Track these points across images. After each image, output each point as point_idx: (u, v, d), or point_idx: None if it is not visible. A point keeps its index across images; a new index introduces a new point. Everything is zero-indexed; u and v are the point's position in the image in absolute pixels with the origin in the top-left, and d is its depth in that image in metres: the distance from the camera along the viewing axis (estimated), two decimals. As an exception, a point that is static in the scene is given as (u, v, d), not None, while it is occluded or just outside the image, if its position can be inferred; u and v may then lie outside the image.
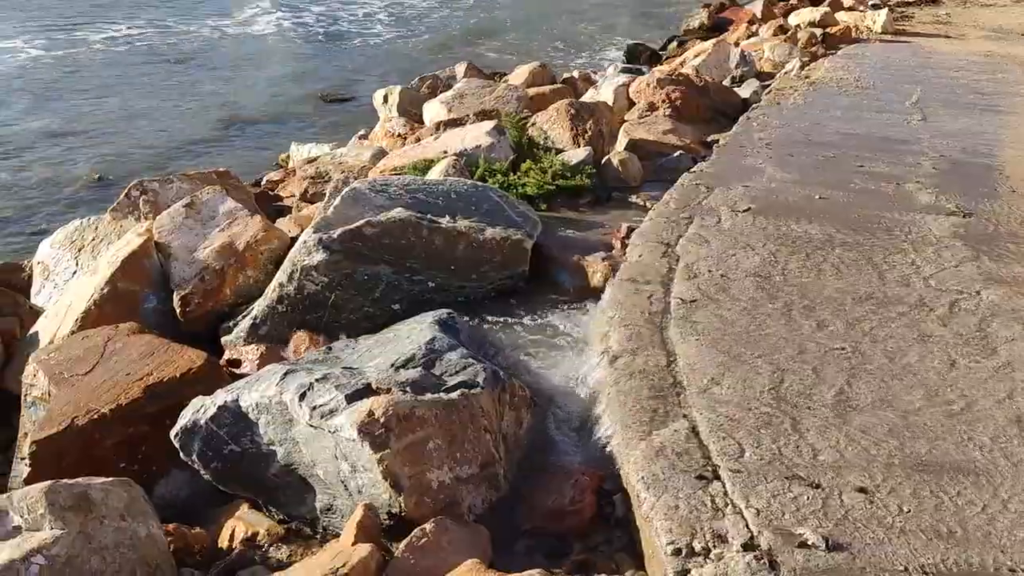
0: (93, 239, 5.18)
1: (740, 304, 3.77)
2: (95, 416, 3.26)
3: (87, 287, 4.30)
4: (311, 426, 2.79)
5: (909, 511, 2.51)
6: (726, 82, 8.76)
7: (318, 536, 2.89)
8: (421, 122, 7.85)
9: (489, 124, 5.83)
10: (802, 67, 9.23)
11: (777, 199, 5.07)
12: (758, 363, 3.30)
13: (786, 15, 14.30)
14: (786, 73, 9.07)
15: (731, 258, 4.23)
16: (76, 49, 15.67)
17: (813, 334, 3.54)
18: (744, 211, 4.82)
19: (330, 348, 3.54)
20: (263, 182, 8.00)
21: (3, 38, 16.99)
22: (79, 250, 5.19)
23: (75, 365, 3.62)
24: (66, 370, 3.59)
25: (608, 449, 2.94)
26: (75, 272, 5.05)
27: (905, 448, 2.80)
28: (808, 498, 2.54)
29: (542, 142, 5.93)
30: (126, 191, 5.44)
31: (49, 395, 3.49)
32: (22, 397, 3.70)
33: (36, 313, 4.75)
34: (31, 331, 4.42)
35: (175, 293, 4.36)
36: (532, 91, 7.87)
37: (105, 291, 4.20)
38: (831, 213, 4.88)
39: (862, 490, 2.60)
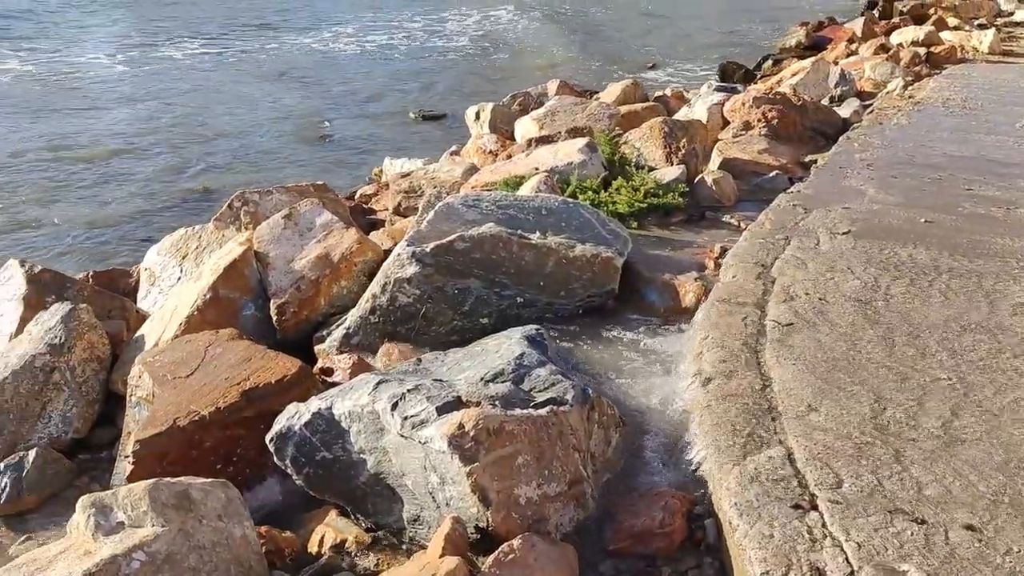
0: (197, 247, 5.37)
1: (839, 329, 3.65)
2: (195, 418, 3.36)
3: (191, 293, 4.46)
4: (402, 436, 2.81)
5: (1020, 552, 2.38)
6: (824, 101, 8.55)
7: (404, 546, 2.91)
8: (512, 139, 7.90)
9: (581, 141, 5.83)
10: (905, 87, 8.95)
11: (879, 222, 4.91)
12: (858, 390, 3.18)
13: (888, 34, 13.92)
14: (888, 93, 8.81)
15: (830, 281, 4.10)
16: (164, 64, 16.34)
17: (917, 362, 3.40)
18: (844, 233, 4.68)
19: (420, 360, 3.57)
20: (357, 195, 8.17)
21: (98, 52, 17.87)
22: (183, 257, 5.39)
23: (178, 368, 3.74)
24: (169, 372, 3.72)
25: (699, 472, 2.88)
26: (179, 278, 5.25)
27: (1015, 485, 2.66)
28: (912, 533, 2.43)
29: (634, 160, 5.89)
30: (229, 202, 5.64)
31: (153, 396, 3.62)
32: (127, 397, 3.85)
33: (142, 317, 4.94)
34: (137, 334, 4.60)
35: (272, 301, 4.48)
36: (624, 109, 7.84)
37: (207, 297, 4.35)
38: (938, 237, 4.69)
39: (969, 527, 2.47)
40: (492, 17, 22.80)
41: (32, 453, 3.75)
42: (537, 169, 5.54)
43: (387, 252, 4.74)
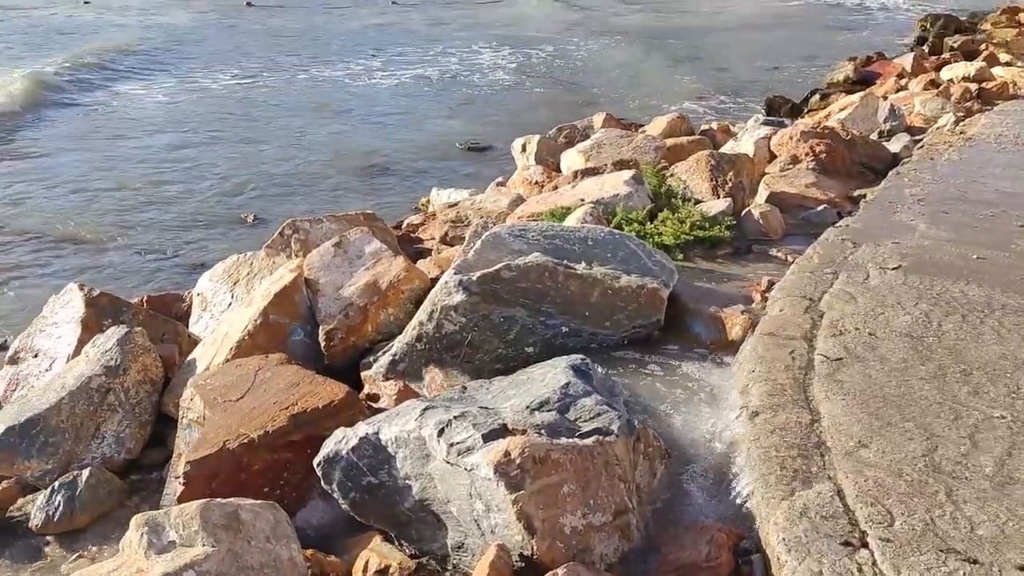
0: (248, 273, 5.48)
1: (889, 365, 3.60)
2: (245, 440, 3.42)
3: (242, 318, 4.55)
4: (448, 463, 2.83)
5: (1081, 597, 2.31)
6: (873, 136, 8.48)
7: (448, 573, 2.92)
8: (558, 170, 7.96)
9: (627, 173, 5.85)
10: (956, 122, 8.84)
11: (930, 258, 4.84)
12: (909, 427, 3.13)
13: (938, 69, 13.79)
14: (939, 128, 8.71)
15: (879, 316, 4.06)
16: (207, 95, 16.73)
17: (969, 400, 3.34)
18: (894, 268, 4.63)
19: (465, 387, 3.59)
20: (404, 225, 8.27)
21: (141, 82, 18.38)
22: (235, 283, 5.50)
23: (228, 391, 3.81)
24: (220, 395, 3.79)
25: (746, 507, 2.85)
26: (230, 304, 5.35)
27: (1076, 529, 2.59)
28: (964, 574, 2.38)
29: (680, 192, 5.90)
30: (280, 230, 5.75)
31: (204, 418, 3.69)
32: (179, 419, 3.93)
33: (193, 341, 5.05)
34: (189, 357, 4.69)
35: (321, 327, 4.55)
36: (670, 142, 7.86)
37: (258, 322, 4.43)
38: (991, 274, 4.61)
39: (1023, 569, 2.41)
40: (527, 53, 23.05)
41: (85, 472, 3.83)
42: (583, 200, 5.57)
43: (434, 280, 4.79)
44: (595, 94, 17.94)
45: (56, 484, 3.80)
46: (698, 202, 5.78)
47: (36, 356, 4.80)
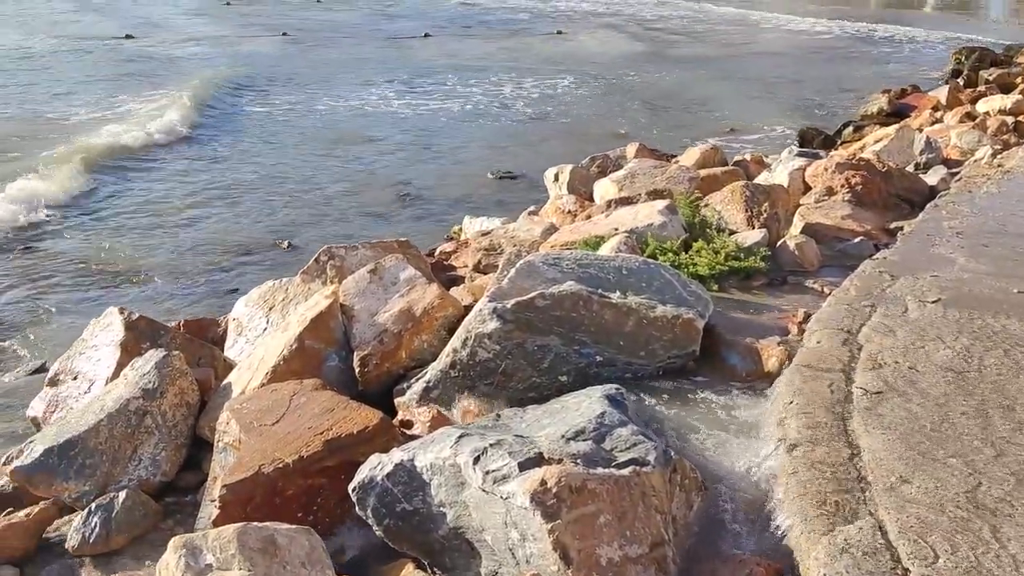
0: (283, 299, 5.53)
1: (930, 399, 3.55)
2: (279, 465, 3.43)
3: (278, 343, 4.59)
4: (483, 490, 2.82)
5: None
6: (909, 168, 8.41)
7: (481, 602, 2.90)
8: (591, 200, 7.97)
9: (661, 203, 5.85)
10: (994, 155, 8.75)
11: (970, 291, 4.78)
12: (951, 463, 3.08)
13: (974, 102, 13.68)
14: (976, 161, 8.62)
15: (919, 350, 4.00)
16: (239, 122, 16.97)
17: (1013, 436, 3.27)
18: (933, 302, 4.57)
19: (499, 415, 3.59)
20: (437, 252, 8.32)
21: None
22: (270, 309, 5.55)
23: (264, 416, 3.84)
24: (256, 420, 3.81)
25: (785, 541, 2.81)
26: (265, 329, 5.40)
27: None
28: (1013, 615, 2.32)
29: (715, 223, 5.88)
30: (316, 256, 5.81)
31: (240, 442, 3.71)
32: (215, 443, 3.96)
33: (229, 365, 5.09)
34: (224, 381, 4.73)
35: (355, 353, 4.57)
36: (703, 172, 7.85)
37: (294, 347, 4.46)
38: (1032, 308, 4.54)
39: (1076, 612, 2.35)
40: (549, 83, 23.23)
41: (122, 494, 3.86)
42: (617, 230, 5.57)
43: (467, 308, 4.81)
44: (624, 124, 18.00)
45: (93, 505, 3.84)
46: (732, 233, 5.76)
47: (76, 378, 4.87)
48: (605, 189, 7.58)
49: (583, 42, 33.23)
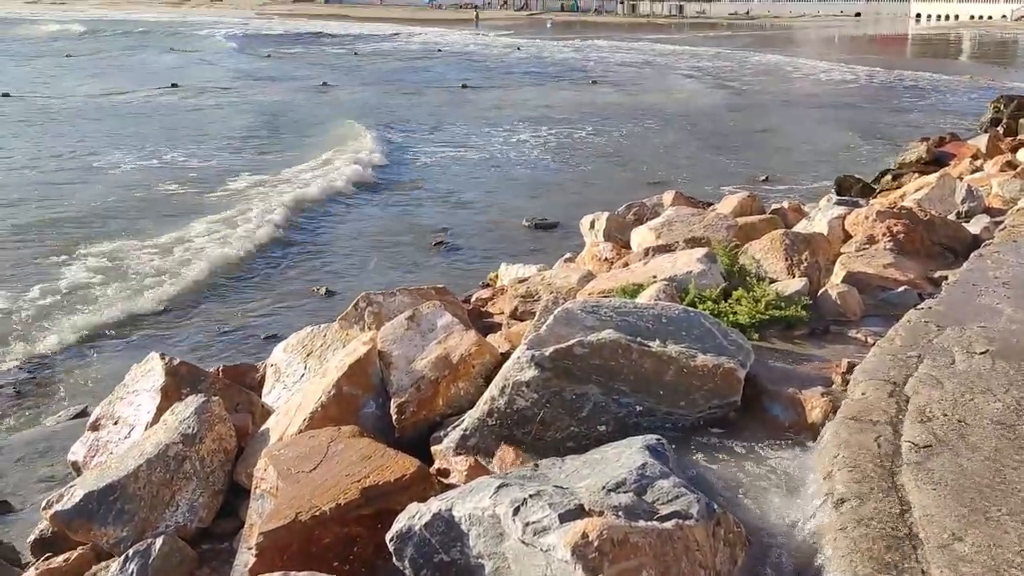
0: (321, 345, 5.56)
1: (981, 453, 3.44)
2: (316, 513, 3.41)
3: (316, 389, 4.60)
4: (523, 542, 2.78)
5: None
6: (951, 217, 8.30)
7: (520, 658, 2.83)
8: (628, 247, 7.96)
9: (700, 251, 5.82)
10: (1037, 203, 8.61)
11: (1019, 342, 4.66)
12: (1006, 521, 2.97)
13: (1014, 151, 13.54)
14: (1019, 209, 8.47)
15: (969, 403, 3.89)
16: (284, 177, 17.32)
17: (1071, 493, 3.15)
18: (981, 353, 4.46)
19: (537, 465, 3.54)
20: (473, 299, 8.33)
21: (224, 161, 19.12)
22: (308, 355, 5.57)
23: (301, 462, 3.83)
24: (293, 467, 3.81)
25: (834, 600, 2.72)
26: (303, 375, 5.42)
27: None
28: None
29: (754, 271, 5.83)
30: (355, 303, 5.84)
31: (277, 489, 3.70)
32: (252, 489, 3.95)
33: (267, 411, 5.11)
34: (262, 428, 4.74)
35: (392, 400, 4.56)
36: (741, 220, 7.80)
37: (331, 394, 4.47)
38: (1085, 360, 4.41)
39: None
40: (583, 131, 23.41)
41: (159, 540, 3.85)
42: (655, 277, 5.54)
43: (504, 355, 4.78)
44: (659, 172, 18.05)
45: (130, 552, 3.83)
46: (773, 281, 5.70)
47: (116, 423, 4.91)
48: (642, 237, 7.56)
49: (615, 93, 33.58)
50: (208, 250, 12.20)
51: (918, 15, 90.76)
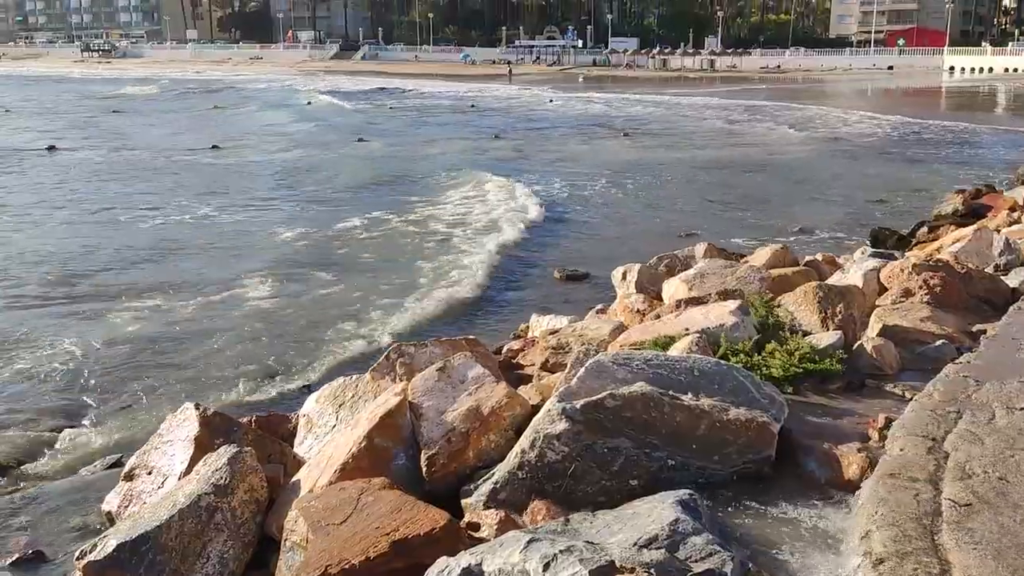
0: (353, 396, 5.58)
1: (1023, 512, 3.35)
2: (346, 566, 3.41)
3: (347, 440, 4.60)
4: (553, 599, 2.74)
5: None
6: (988, 270, 8.19)
7: None
8: (659, 299, 7.94)
9: (732, 303, 5.79)
10: (1078, 256, 8.48)
11: (1062, 397, 4.56)
12: (1052, 583, 2.88)
13: (1053, 202, 13.38)
14: (1059, 262, 8.35)
15: (1009, 459, 3.80)
16: (322, 234, 17.53)
17: (1121, 556, 3.05)
18: (1022, 409, 4.37)
19: (568, 520, 3.52)
20: (504, 350, 8.32)
21: (275, 214, 19.49)
22: (340, 406, 5.60)
23: (332, 514, 3.83)
24: (323, 519, 3.80)
25: (874, 664, 2.64)
26: (334, 426, 5.44)
27: None
28: None
29: (788, 324, 5.78)
30: (386, 354, 5.88)
31: (307, 541, 3.70)
32: (282, 541, 3.95)
33: (298, 462, 5.12)
34: (293, 479, 4.75)
35: (423, 452, 4.55)
36: (774, 272, 7.77)
37: (362, 445, 4.47)
38: None
39: None
40: (615, 183, 23.53)
41: (189, 591, 3.85)
42: (687, 330, 5.52)
43: (535, 407, 4.77)
44: (690, 224, 18.05)
45: (161, 604, 3.83)
46: (806, 334, 5.65)
47: (150, 473, 4.95)
48: (674, 288, 7.54)
49: (646, 145, 33.80)
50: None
51: (951, 68, 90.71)
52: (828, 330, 5.68)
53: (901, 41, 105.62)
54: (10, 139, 35.13)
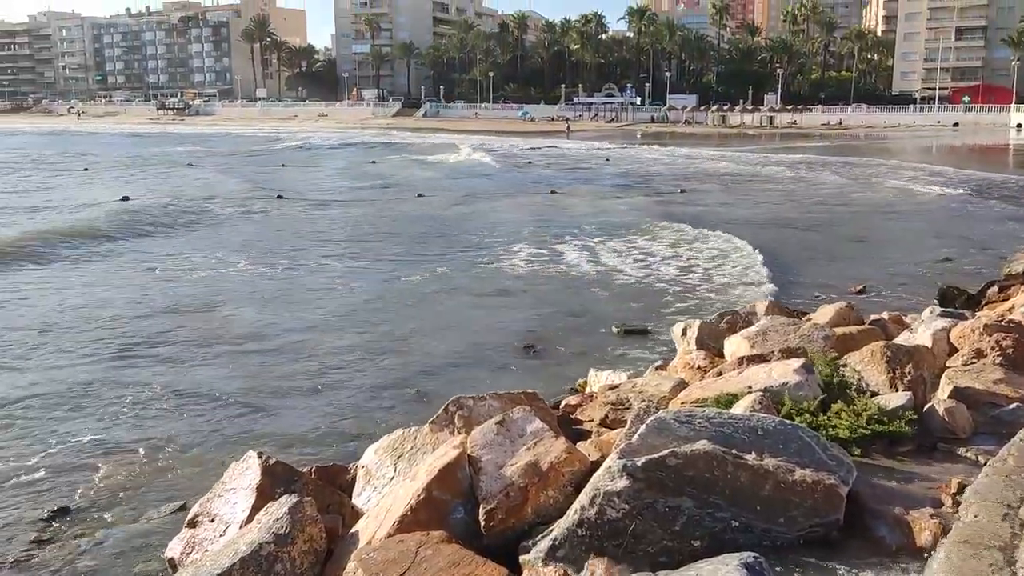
0: (411, 448, 5.60)
1: (1111, 586, 3.19)
2: (404, 620, 3.38)
3: (406, 492, 4.61)
4: (614, 661, 2.68)
5: None
6: (1065, 330, 7.91)
7: None
8: (721, 356, 7.84)
9: (796, 362, 5.70)
10: None
11: None
12: None
13: None
14: None
15: (1094, 529, 3.63)
16: (386, 286, 17.78)
17: None
18: (1105, 476, 4.18)
19: (629, 580, 3.45)
20: (562, 405, 8.28)
21: (321, 261, 19.84)
22: (398, 457, 5.62)
23: (390, 567, 3.83)
24: (382, 571, 3.80)
25: None
26: (393, 478, 5.45)
27: None
28: None
29: (854, 384, 5.65)
30: (445, 406, 5.90)
31: (365, 593, 3.69)
32: (340, 592, 3.95)
33: (357, 513, 5.13)
34: (352, 530, 4.76)
35: (481, 506, 4.53)
36: (839, 331, 7.62)
37: (421, 498, 4.47)
38: None
39: None
40: (673, 239, 23.45)
41: (247, 642, 3.86)
42: (750, 388, 5.44)
43: (594, 464, 4.72)
44: (751, 280, 17.85)
45: (220, 653, 3.85)
46: (874, 394, 5.51)
47: (213, 520, 5.01)
48: (736, 346, 7.45)
49: (704, 201, 33.68)
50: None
51: (1019, 125, 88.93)
52: (897, 391, 5.53)
53: (966, 98, 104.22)
54: (85, 193, 36.63)
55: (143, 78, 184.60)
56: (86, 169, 49.85)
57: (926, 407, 5.35)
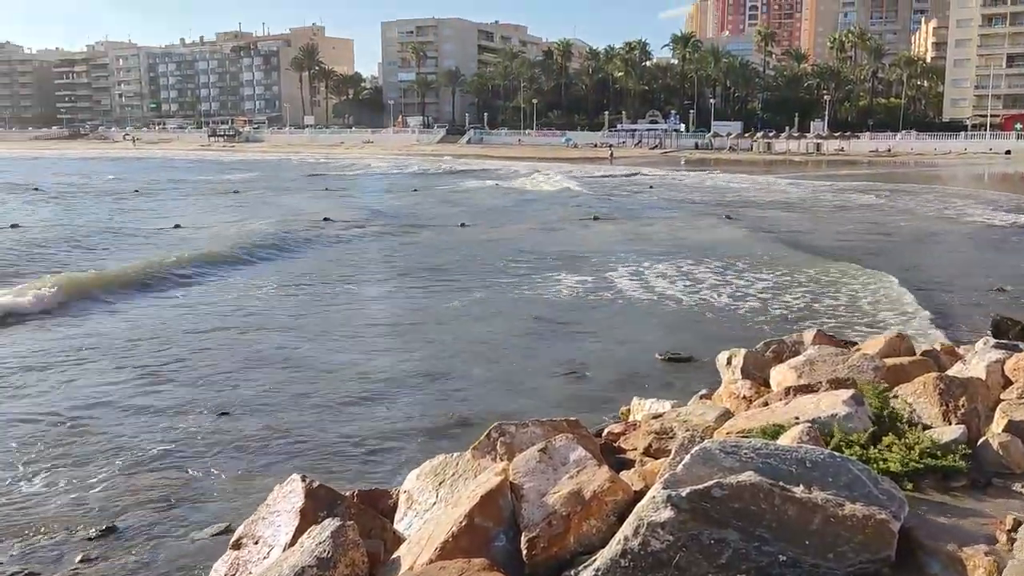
0: (453, 474, 5.58)
1: None
2: (445, 649, 3.36)
3: (448, 519, 4.60)
4: None
5: None
6: (1125, 363, 7.66)
7: None
8: (767, 385, 7.72)
9: (845, 393, 5.59)
10: None
11: None
12: None
13: None
14: None
15: None
16: (430, 311, 17.89)
17: None
18: None
19: (673, 613, 3.39)
20: (605, 433, 8.21)
21: (366, 288, 20.01)
22: (440, 483, 5.60)
23: (431, 594, 3.80)
24: (423, 597, 3.78)
25: None
26: (434, 503, 5.44)
27: None
28: None
29: (906, 416, 5.52)
30: (487, 432, 5.88)
31: (407, 620, 3.67)
32: (382, 618, 3.93)
33: (398, 539, 5.13)
34: (394, 555, 4.75)
35: (523, 534, 4.49)
36: (889, 362, 7.46)
37: (463, 524, 4.45)
38: None
39: None
40: (717, 267, 23.23)
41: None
42: (797, 419, 5.34)
43: (638, 494, 4.67)
44: (797, 309, 17.62)
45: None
46: (926, 427, 5.38)
47: (257, 543, 5.04)
48: (783, 375, 7.33)
49: (748, 229, 33.38)
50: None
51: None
52: (950, 424, 5.39)
53: (1019, 125, 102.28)
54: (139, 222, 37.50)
55: (195, 106, 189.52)
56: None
57: (980, 441, 5.20)
